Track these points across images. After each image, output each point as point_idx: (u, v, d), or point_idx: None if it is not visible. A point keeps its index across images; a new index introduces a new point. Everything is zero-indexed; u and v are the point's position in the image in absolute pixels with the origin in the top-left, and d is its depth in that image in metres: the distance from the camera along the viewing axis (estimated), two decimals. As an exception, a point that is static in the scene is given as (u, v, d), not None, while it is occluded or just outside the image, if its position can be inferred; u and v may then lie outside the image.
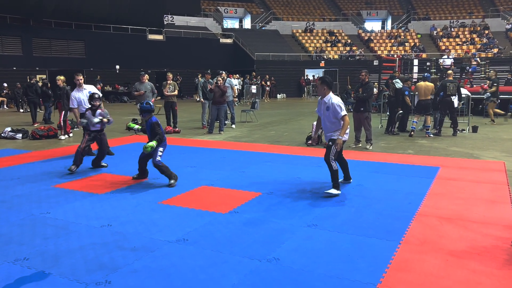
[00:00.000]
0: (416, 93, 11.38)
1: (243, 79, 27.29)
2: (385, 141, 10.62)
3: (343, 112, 5.73)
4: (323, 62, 32.69)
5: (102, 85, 24.39)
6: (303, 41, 35.67)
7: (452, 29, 35.76)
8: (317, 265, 3.71)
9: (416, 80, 17.90)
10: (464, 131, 11.94)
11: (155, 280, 3.48)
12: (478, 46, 32.23)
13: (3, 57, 23.79)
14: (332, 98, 5.80)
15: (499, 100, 14.34)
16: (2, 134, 11.52)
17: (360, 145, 9.71)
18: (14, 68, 24.00)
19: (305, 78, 32.17)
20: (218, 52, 31.37)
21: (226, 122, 13.05)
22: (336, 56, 33.68)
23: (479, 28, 34.84)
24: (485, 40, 32.98)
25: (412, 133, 11.17)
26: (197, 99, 17.69)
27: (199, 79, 19.68)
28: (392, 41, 35.19)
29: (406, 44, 34.25)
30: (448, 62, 23.30)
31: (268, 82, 29.43)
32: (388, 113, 12.28)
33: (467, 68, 21.77)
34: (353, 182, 6.49)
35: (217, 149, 9.48)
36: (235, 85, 17.73)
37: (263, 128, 13.38)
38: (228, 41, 32.98)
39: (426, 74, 12.78)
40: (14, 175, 7.15)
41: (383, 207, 5.28)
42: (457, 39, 34.16)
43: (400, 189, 6.09)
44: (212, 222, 4.80)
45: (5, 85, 22.94)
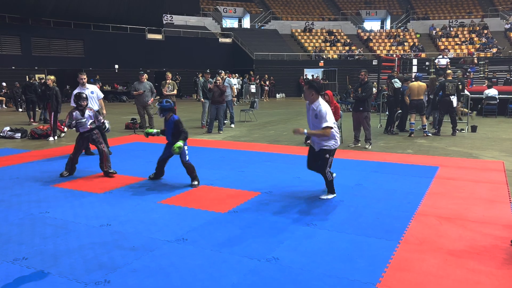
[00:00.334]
0: (409, 94, 11.29)
1: (242, 78, 27.28)
2: (384, 140, 10.63)
3: (328, 124, 5.30)
4: (322, 61, 32.69)
5: (101, 85, 24.29)
6: (302, 41, 35.66)
7: (451, 29, 35.77)
8: (316, 265, 3.72)
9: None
10: (463, 131, 11.96)
11: (154, 279, 3.48)
12: (477, 46, 32.25)
13: (2, 56, 23.74)
14: (321, 105, 5.38)
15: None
16: (1, 134, 11.50)
17: (359, 144, 9.72)
18: (13, 68, 23.96)
19: (304, 77, 32.16)
20: (217, 52, 31.35)
21: (225, 121, 13.04)
22: (335, 56, 33.68)
23: (478, 28, 34.86)
24: (484, 40, 33.00)
25: (412, 134, 11.18)
26: (196, 98, 17.67)
27: (199, 78, 19.65)
28: (391, 40, 35.19)
29: (405, 43, 34.24)
30: (443, 62, 23.30)
31: (267, 82, 29.42)
32: (387, 113, 12.28)
33: (468, 70, 21.78)
34: (352, 181, 6.49)
35: (216, 149, 9.47)
36: (234, 84, 17.73)
37: (262, 128, 13.38)
38: (227, 40, 32.95)
39: (418, 74, 12.76)
40: (13, 174, 7.14)
41: (382, 207, 5.29)
42: (456, 39, 34.18)
43: (399, 189, 6.10)
44: (211, 222, 4.80)
45: (4, 84, 22.92)
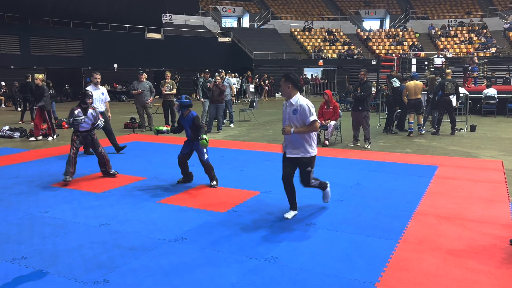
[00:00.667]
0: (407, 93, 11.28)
1: (241, 78, 27.27)
2: (384, 140, 10.63)
3: (313, 117, 4.66)
4: (321, 61, 32.70)
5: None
6: (302, 40, 35.67)
7: (450, 28, 35.80)
8: (315, 264, 3.72)
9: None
10: (462, 130, 11.96)
11: (153, 279, 3.48)
12: (476, 45, 32.27)
13: (1, 56, 23.72)
14: (300, 99, 4.75)
15: None
16: (0, 133, 11.49)
17: (359, 144, 9.72)
18: (12, 67, 23.94)
19: (304, 77, 32.14)
20: (217, 51, 31.34)
21: (224, 121, 13.03)
22: (334, 55, 33.69)
23: (477, 28, 34.88)
24: (483, 40, 33.02)
25: (411, 134, 11.18)
26: (195, 98, 17.65)
27: (199, 77, 19.63)
28: (391, 40, 35.21)
29: (405, 43, 34.26)
30: (439, 61, 23.28)
31: (266, 81, 29.40)
32: (386, 112, 12.28)
33: (469, 68, 21.78)
34: (351, 181, 6.50)
35: (216, 148, 9.46)
36: (234, 84, 17.71)
37: (261, 127, 13.37)
38: (227, 40, 32.94)
39: (414, 73, 12.75)
40: (12, 174, 7.14)
41: (382, 206, 5.29)
42: (455, 38, 34.21)
43: (398, 188, 6.10)
44: (211, 221, 4.80)
45: (3, 83, 22.89)
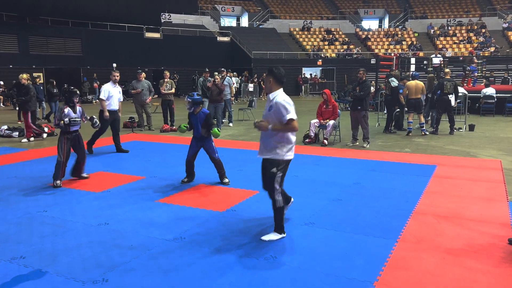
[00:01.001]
0: (406, 93, 11.27)
1: (240, 77, 27.25)
2: (382, 139, 10.64)
3: (290, 116, 4.08)
4: (320, 60, 32.70)
5: (99, 83, 24.30)
6: (301, 40, 35.65)
7: (449, 28, 35.81)
8: (314, 263, 3.72)
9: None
10: (461, 130, 11.97)
11: (152, 278, 3.48)
12: (475, 45, 32.29)
13: (0, 55, 23.68)
14: (277, 96, 4.18)
15: None
16: (-1, 132, 11.47)
17: (357, 143, 9.72)
18: (11, 66, 23.90)
19: (303, 76, 32.16)
20: (216, 50, 31.31)
21: (223, 120, 13.03)
22: (333, 55, 33.68)
23: (476, 27, 34.91)
24: (482, 39, 33.05)
25: (410, 133, 11.18)
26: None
27: (199, 76, 19.60)
28: (390, 39, 35.21)
29: (403, 42, 34.28)
30: (436, 61, 23.29)
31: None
32: (385, 112, 12.28)
33: (468, 68, 21.80)
34: (350, 180, 6.50)
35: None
36: (233, 83, 17.69)
37: (260, 127, 13.34)
38: (226, 39, 32.91)
39: (415, 72, 12.73)
40: (11, 173, 7.13)
41: (380, 205, 5.30)
42: (454, 38, 34.23)
43: (397, 187, 6.11)
44: (210, 221, 4.81)
45: (2, 83, 22.85)
